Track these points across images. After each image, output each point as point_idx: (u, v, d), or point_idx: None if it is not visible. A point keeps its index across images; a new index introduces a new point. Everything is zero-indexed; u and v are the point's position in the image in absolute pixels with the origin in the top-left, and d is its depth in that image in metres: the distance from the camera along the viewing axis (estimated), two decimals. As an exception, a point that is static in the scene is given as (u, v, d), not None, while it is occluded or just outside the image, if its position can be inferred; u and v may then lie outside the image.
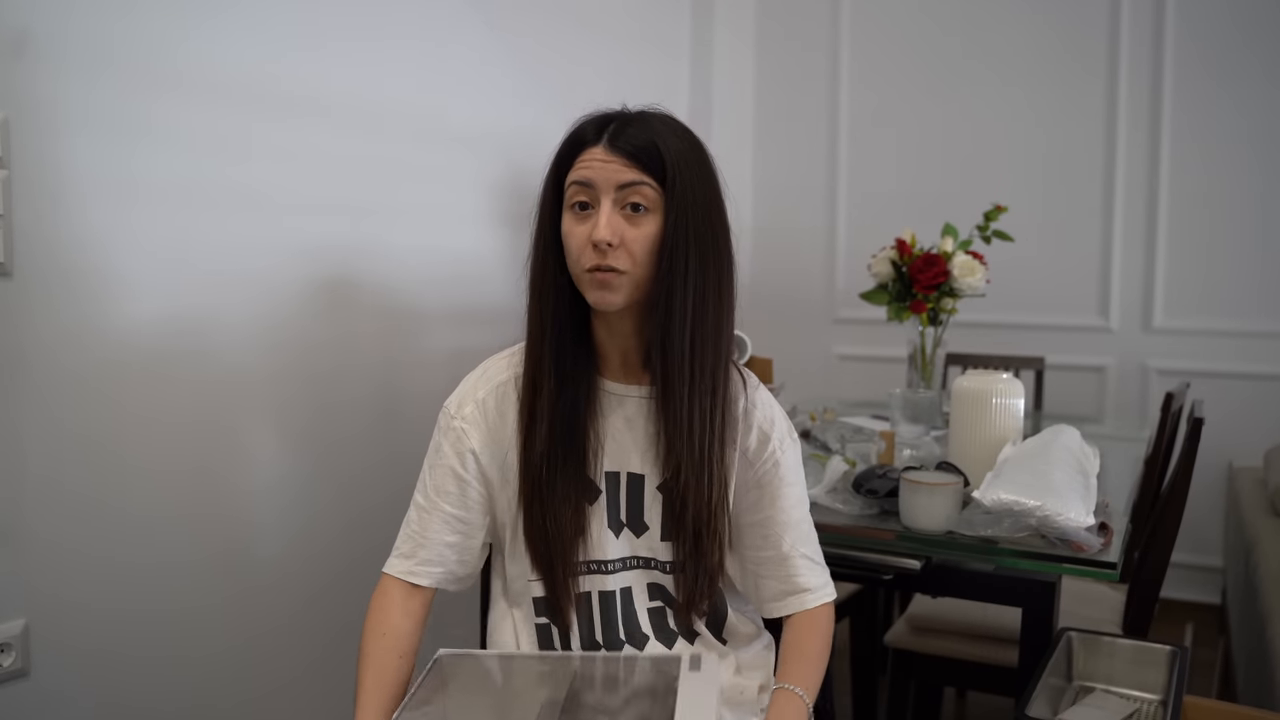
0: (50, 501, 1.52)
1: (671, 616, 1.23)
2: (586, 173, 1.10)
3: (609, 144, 1.10)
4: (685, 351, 1.11)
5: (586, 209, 1.11)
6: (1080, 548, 1.47)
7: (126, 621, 1.64)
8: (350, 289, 2.06)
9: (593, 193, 1.10)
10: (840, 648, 2.72)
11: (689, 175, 1.11)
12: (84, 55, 1.52)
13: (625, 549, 1.21)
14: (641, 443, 1.19)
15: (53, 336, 1.51)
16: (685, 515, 1.16)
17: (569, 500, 1.16)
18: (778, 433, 1.24)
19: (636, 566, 1.22)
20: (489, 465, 1.21)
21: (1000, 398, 1.79)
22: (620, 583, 1.21)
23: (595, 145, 1.11)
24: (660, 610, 1.23)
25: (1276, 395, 3.21)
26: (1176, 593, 3.33)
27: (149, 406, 1.66)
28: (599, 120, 1.14)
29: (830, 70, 3.82)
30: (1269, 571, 2.17)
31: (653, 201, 1.10)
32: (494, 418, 1.20)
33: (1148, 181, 3.35)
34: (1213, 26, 3.23)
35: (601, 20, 2.95)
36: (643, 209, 1.10)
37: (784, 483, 1.24)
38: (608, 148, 1.10)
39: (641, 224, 1.10)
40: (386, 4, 2.10)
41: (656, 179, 1.10)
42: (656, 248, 1.10)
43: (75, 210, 1.53)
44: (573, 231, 1.11)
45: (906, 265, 2.44)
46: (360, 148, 2.05)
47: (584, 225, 1.10)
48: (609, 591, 1.21)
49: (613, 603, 1.21)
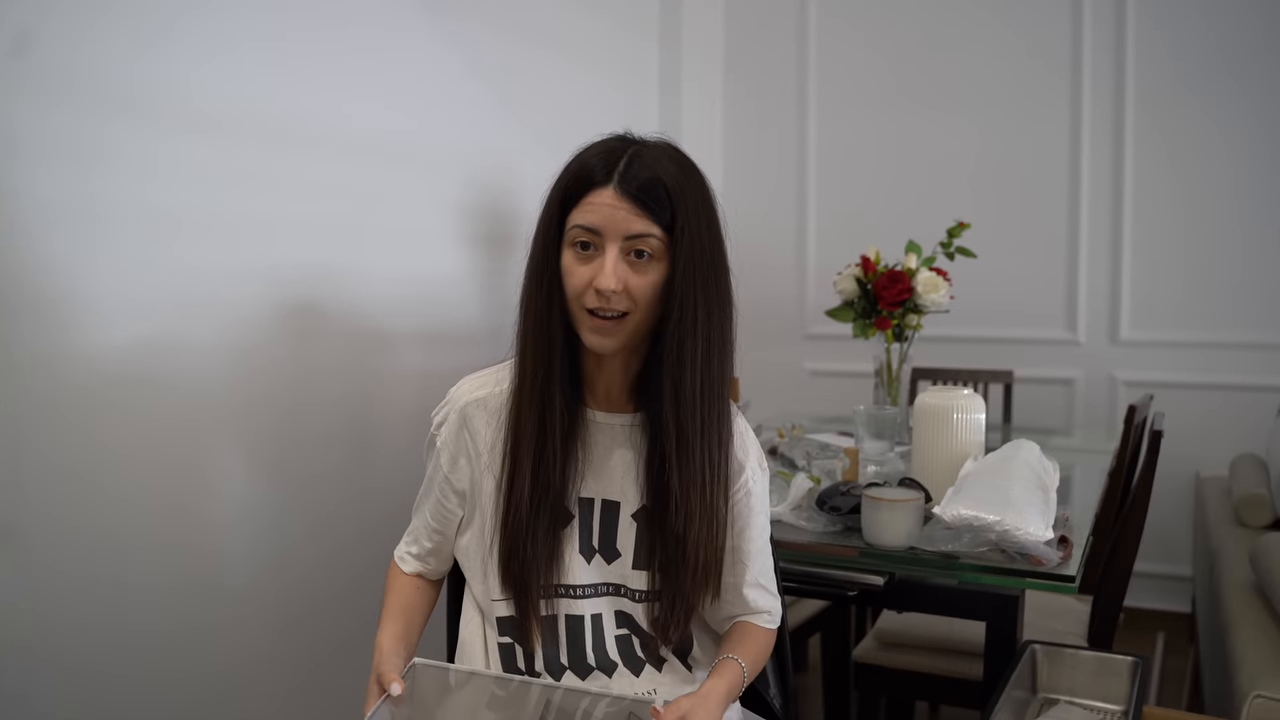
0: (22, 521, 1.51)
1: (639, 645, 1.23)
2: (594, 218, 1.08)
3: (619, 188, 1.07)
4: (696, 399, 1.11)
5: (589, 249, 1.09)
6: (1039, 561, 1.49)
7: (102, 639, 1.64)
8: (318, 315, 2.06)
9: (598, 238, 1.08)
10: (812, 663, 2.74)
11: (696, 223, 1.10)
12: (39, 81, 1.52)
13: (596, 575, 1.21)
14: (619, 470, 1.20)
15: (25, 362, 1.51)
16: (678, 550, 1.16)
17: (544, 524, 1.17)
18: (752, 462, 1.25)
19: (607, 593, 1.22)
20: (459, 479, 1.23)
21: (961, 413, 1.81)
22: (591, 608, 1.21)
23: (604, 187, 1.08)
24: (627, 638, 1.23)
25: (1242, 405, 3.25)
26: (1148, 602, 3.36)
27: (117, 434, 1.66)
28: (607, 154, 1.10)
29: (798, 90, 3.85)
30: (1232, 580, 2.20)
31: (659, 250, 1.09)
32: (466, 435, 1.22)
33: (1113, 195, 3.40)
34: (1176, 39, 3.28)
35: (570, 46, 2.98)
36: (647, 255, 1.09)
37: (754, 512, 1.25)
38: (618, 192, 1.07)
39: (646, 271, 1.09)
40: (352, 28, 2.11)
41: (664, 227, 1.08)
42: (660, 294, 1.10)
43: (37, 237, 1.53)
44: (574, 270, 1.10)
45: (871, 282, 2.46)
46: (327, 171, 2.05)
47: (586, 267, 1.09)
48: (577, 615, 1.21)
49: (580, 627, 1.21)
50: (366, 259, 2.17)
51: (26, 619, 1.53)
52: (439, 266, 2.41)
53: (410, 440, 2.30)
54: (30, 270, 1.52)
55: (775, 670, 1.40)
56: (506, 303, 2.68)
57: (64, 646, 1.59)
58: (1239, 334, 3.27)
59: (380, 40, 2.20)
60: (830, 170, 3.82)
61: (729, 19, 3.94)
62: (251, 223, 1.89)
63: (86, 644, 1.63)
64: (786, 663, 1.43)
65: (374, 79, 2.18)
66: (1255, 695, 1.63)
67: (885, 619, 2.13)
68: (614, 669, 1.21)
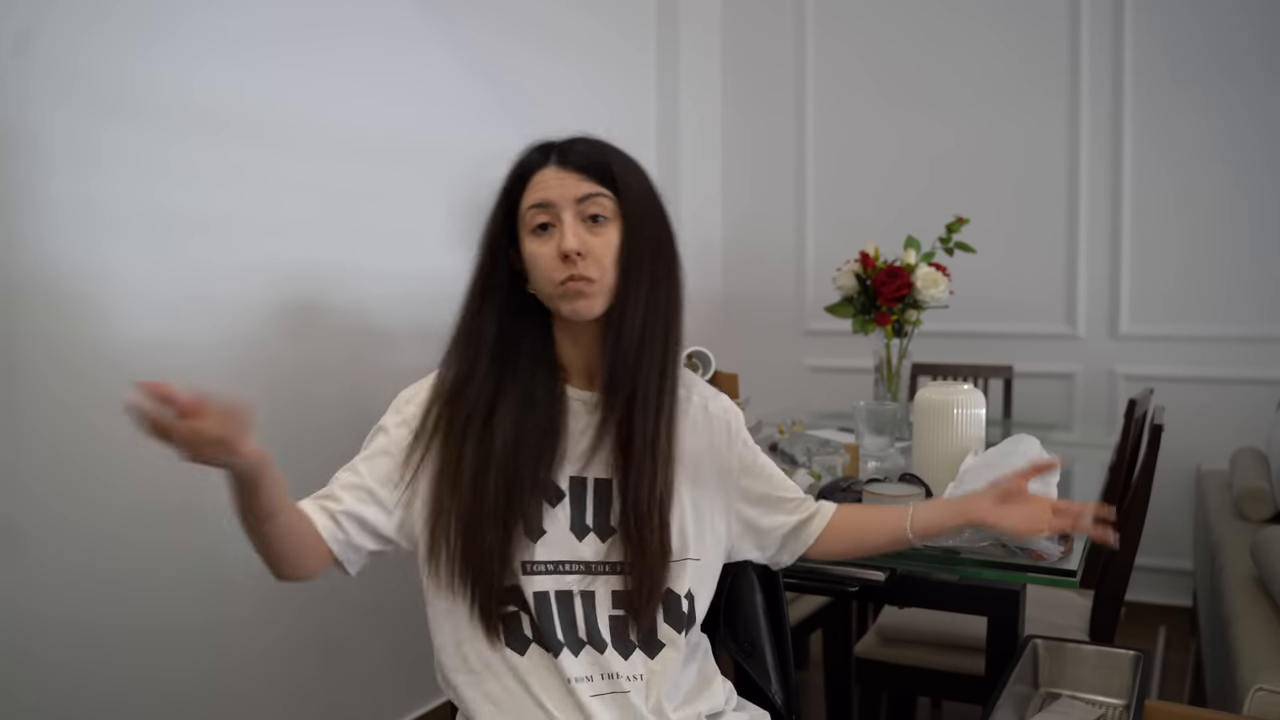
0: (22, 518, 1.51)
1: (634, 630, 1.21)
2: (543, 193, 1.15)
3: (560, 162, 1.16)
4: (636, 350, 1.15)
5: (547, 229, 1.15)
6: (1040, 556, 1.49)
7: (102, 638, 1.64)
8: (318, 312, 2.06)
9: (553, 211, 1.14)
10: (813, 659, 2.74)
11: (636, 183, 1.18)
12: (40, 82, 1.52)
13: (589, 553, 1.20)
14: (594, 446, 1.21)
15: (26, 360, 1.51)
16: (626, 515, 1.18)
17: (535, 503, 1.17)
18: (732, 415, 1.33)
19: (604, 572, 1.20)
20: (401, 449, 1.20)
21: (961, 408, 1.81)
22: (582, 585, 1.19)
23: (546, 166, 1.17)
24: (623, 620, 1.21)
25: (1243, 398, 3.25)
26: (1150, 596, 3.36)
27: (118, 431, 1.66)
28: (541, 147, 1.20)
29: (796, 88, 3.85)
30: (1233, 573, 2.20)
31: (610, 211, 1.16)
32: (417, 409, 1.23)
33: (1111, 189, 3.40)
34: (1172, 35, 3.28)
35: (568, 45, 2.97)
36: (602, 219, 1.15)
37: (755, 453, 1.33)
38: (559, 166, 1.16)
39: (603, 233, 1.15)
40: (351, 29, 2.11)
41: (609, 189, 1.15)
42: (619, 256, 1.15)
43: (37, 237, 1.53)
44: (539, 252, 1.15)
45: (870, 278, 2.46)
46: (326, 170, 2.05)
47: (549, 244, 1.15)
48: (565, 591, 1.19)
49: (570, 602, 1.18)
50: (366, 257, 2.17)
51: (25, 617, 1.53)
52: (438, 264, 2.41)
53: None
54: (31, 269, 1.52)
55: (777, 666, 1.40)
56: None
57: (63, 645, 1.59)
58: (1239, 327, 3.26)
59: (379, 40, 2.20)
60: (829, 166, 3.82)
61: (726, 16, 3.94)
62: (251, 221, 1.90)
63: (86, 642, 1.63)
64: (788, 658, 1.43)
65: (373, 79, 2.19)
66: (1257, 688, 1.63)
67: (887, 614, 2.13)
68: (604, 647, 1.19)
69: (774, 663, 1.39)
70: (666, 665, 1.21)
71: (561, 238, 1.13)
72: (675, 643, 1.22)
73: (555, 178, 1.15)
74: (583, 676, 1.17)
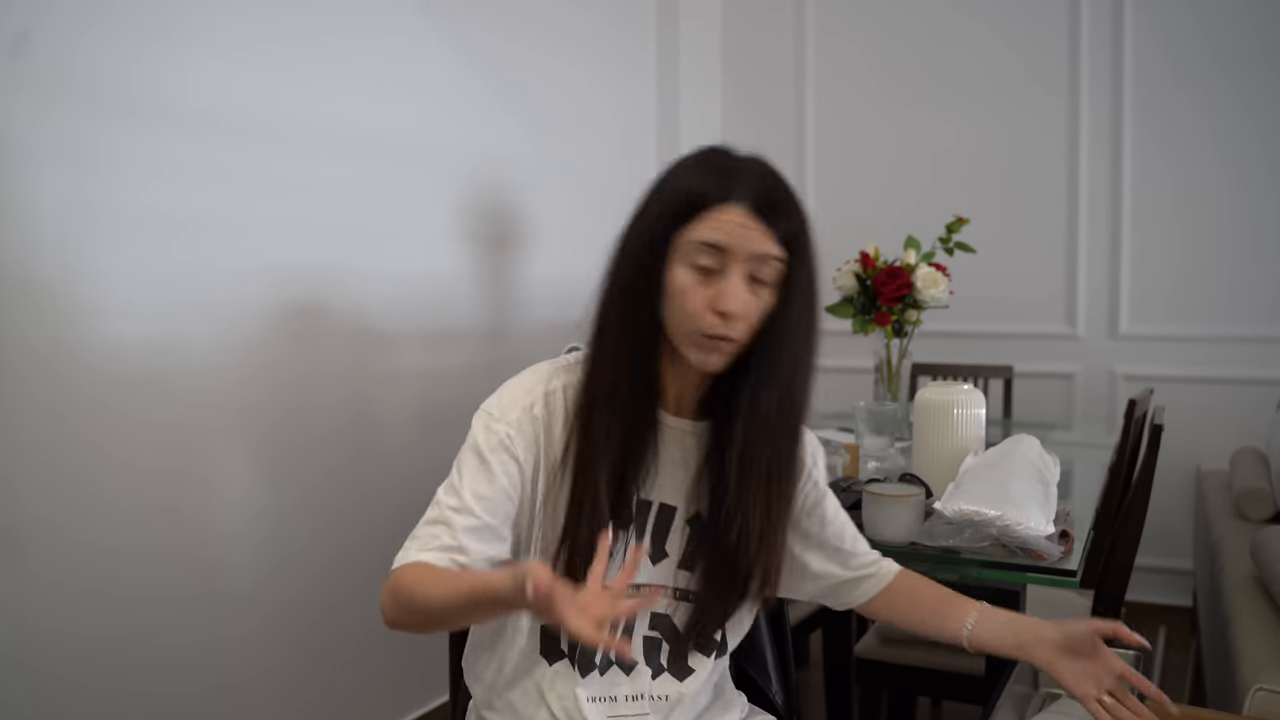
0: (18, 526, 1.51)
1: (665, 652, 1.19)
2: (722, 236, 1.03)
3: (754, 209, 1.03)
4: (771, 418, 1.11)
5: (708, 272, 1.04)
6: (1040, 556, 1.49)
7: (100, 652, 1.63)
8: (318, 315, 2.06)
9: (723, 258, 1.03)
10: (813, 659, 2.74)
11: (811, 255, 1.10)
12: (37, 82, 1.52)
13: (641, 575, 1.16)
14: (680, 476, 1.17)
15: (21, 364, 1.51)
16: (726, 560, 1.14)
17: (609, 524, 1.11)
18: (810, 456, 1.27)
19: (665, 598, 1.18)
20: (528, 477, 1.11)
21: (961, 408, 1.81)
22: None
23: (733, 204, 1.03)
24: (656, 642, 1.19)
25: (1243, 398, 3.25)
26: (1149, 596, 3.36)
27: (115, 436, 1.66)
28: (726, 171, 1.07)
29: (796, 86, 3.85)
30: (1233, 573, 2.20)
31: (776, 278, 1.06)
32: (541, 428, 1.11)
33: (1111, 189, 3.40)
34: (1172, 34, 3.28)
35: (568, 43, 2.97)
36: (764, 280, 1.06)
37: (823, 494, 1.29)
38: (751, 212, 1.03)
39: (760, 295, 1.06)
40: (351, 29, 2.11)
41: (786, 248, 1.06)
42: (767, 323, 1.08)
43: (34, 238, 1.53)
44: (691, 290, 1.04)
45: (870, 278, 2.46)
46: (326, 171, 2.05)
47: (705, 289, 1.04)
48: None
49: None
50: (367, 259, 2.17)
51: (20, 628, 1.51)
52: (439, 265, 2.41)
53: (411, 439, 2.31)
54: (28, 271, 1.52)
55: (777, 666, 1.40)
56: (506, 302, 2.69)
57: (60, 659, 1.58)
58: (1238, 327, 3.27)
59: (378, 41, 2.20)
60: (829, 165, 3.82)
61: (726, 14, 3.93)
62: (250, 223, 1.89)
63: (84, 656, 1.61)
64: (788, 658, 1.43)
65: (372, 79, 2.19)
66: (1257, 688, 1.63)
67: (886, 614, 2.12)
68: (632, 666, 1.18)
69: (774, 663, 1.39)
70: (692, 688, 1.20)
71: (723, 295, 1.02)
72: (704, 666, 1.21)
73: (740, 224, 1.02)
74: (602, 696, 1.15)
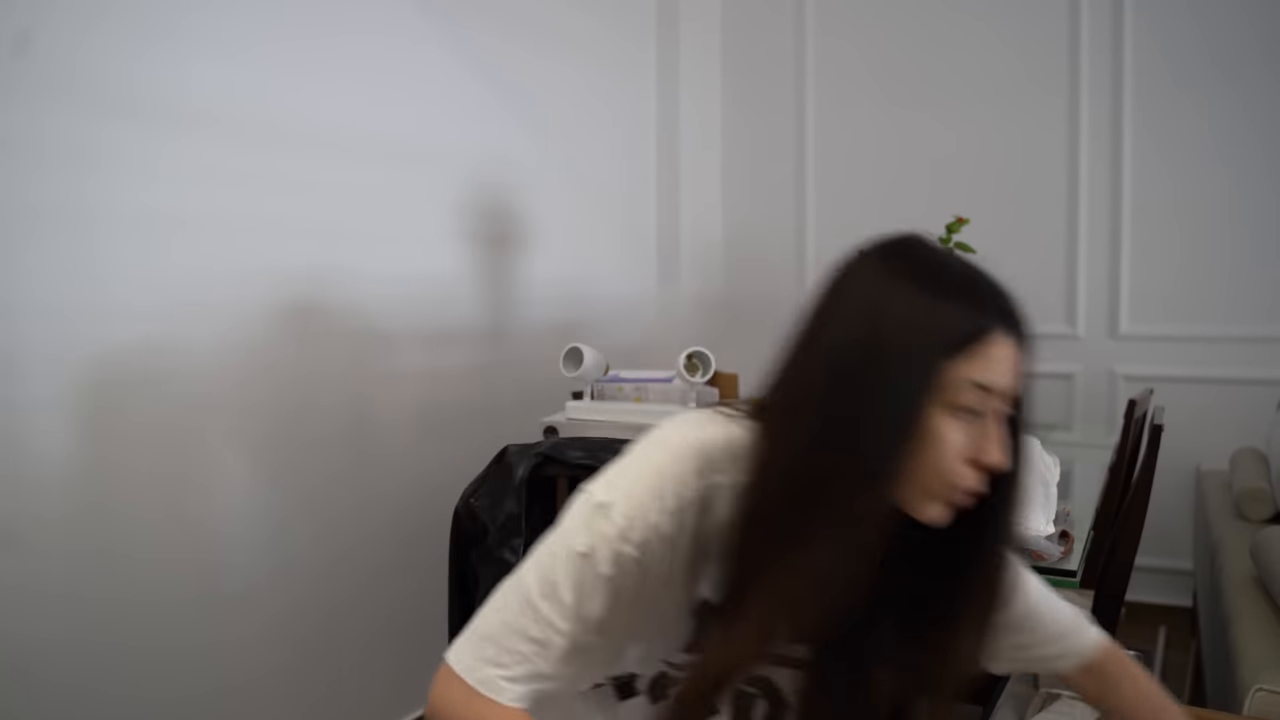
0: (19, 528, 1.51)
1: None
2: (997, 377, 0.86)
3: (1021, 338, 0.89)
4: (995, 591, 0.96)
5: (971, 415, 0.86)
6: (1040, 556, 1.49)
7: (91, 654, 1.63)
8: (318, 315, 2.06)
9: (992, 402, 0.86)
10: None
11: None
12: (38, 82, 1.52)
13: None
14: None
15: (22, 365, 1.50)
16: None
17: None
18: None
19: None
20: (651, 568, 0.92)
21: (962, 409, 1.80)
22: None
23: (1008, 337, 0.87)
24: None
25: (1243, 399, 3.24)
26: (1149, 596, 3.36)
27: (117, 437, 1.65)
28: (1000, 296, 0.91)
29: (796, 87, 3.85)
30: (1233, 573, 2.20)
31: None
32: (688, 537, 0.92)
33: (1111, 189, 3.40)
34: (1172, 35, 3.28)
35: (568, 45, 2.97)
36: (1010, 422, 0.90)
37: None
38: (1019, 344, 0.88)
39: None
40: (350, 29, 2.11)
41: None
42: None
43: (35, 238, 1.53)
44: (950, 438, 0.86)
45: (871, 278, 2.46)
46: (326, 172, 2.05)
47: (966, 437, 0.86)
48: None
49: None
50: (367, 259, 2.17)
51: (22, 632, 1.51)
52: (439, 266, 2.41)
53: (412, 439, 2.31)
54: (28, 272, 1.52)
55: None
56: (506, 302, 2.69)
57: (62, 662, 1.57)
58: (1238, 327, 3.26)
59: (378, 41, 2.20)
60: (829, 166, 3.82)
61: (726, 16, 3.93)
62: (250, 223, 1.89)
63: (85, 660, 1.61)
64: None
65: (372, 79, 2.18)
66: (1257, 688, 1.63)
67: (887, 615, 2.12)
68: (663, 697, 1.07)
69: (774, 663, 1.38)
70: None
71: (990, 446, 0.86)
72: None
73: (1012, 361, 0.87)
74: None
